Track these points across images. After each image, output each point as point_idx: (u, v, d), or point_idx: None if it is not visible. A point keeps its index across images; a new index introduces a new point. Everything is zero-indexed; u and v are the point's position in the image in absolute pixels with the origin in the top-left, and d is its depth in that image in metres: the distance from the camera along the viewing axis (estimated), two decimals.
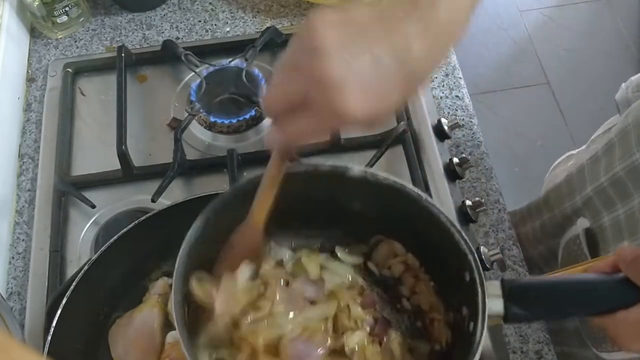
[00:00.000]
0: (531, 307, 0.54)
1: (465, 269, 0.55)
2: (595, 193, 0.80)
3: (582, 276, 0.57)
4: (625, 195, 0.75)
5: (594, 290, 0.54)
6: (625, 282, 0.52)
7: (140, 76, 1.00)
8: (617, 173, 0.75)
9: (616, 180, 0.76)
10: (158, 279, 0.76)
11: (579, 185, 0.84)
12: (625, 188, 0.74)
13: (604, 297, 0.54)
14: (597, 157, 0.81)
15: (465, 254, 0.55)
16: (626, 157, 0.74)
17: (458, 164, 0.87)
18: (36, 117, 0.96)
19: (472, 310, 0.54)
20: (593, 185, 0.80)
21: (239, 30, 1.05)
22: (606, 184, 0.77)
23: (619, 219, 0.75)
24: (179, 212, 0.72)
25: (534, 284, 0.57)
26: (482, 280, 0.54)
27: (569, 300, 0.55)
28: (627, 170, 0.74)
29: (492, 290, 0.54)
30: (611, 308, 0.52)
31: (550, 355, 0.77)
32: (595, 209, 0.80)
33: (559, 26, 2.49)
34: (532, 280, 0.58)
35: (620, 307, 0.52)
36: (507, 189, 0.94)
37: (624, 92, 0.85)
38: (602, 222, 0.79)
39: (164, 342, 0.72)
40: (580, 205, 0.83)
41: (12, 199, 0.89)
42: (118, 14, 1.07)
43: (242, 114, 0.92)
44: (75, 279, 0.68)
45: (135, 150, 0.89)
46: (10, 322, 0.70)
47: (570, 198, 0.86)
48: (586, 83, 2.30)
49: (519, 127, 2.21)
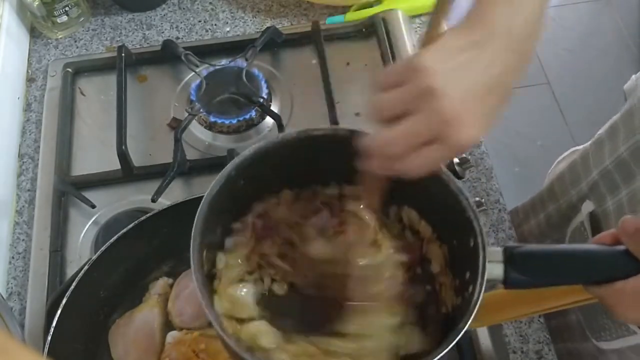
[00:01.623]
0: (531, 272, 0.56)
1: (471, 234, 0.57)
2: (600, 177, 0.80)
3: (583, 246, 0.58)
4: (629, 176, 0.74)
5: (594, 259, 0.55)
6: (626, 254, 0.53)
7: (140, 76, 1.00)
8: (621, 155, 0.75)
9: (620, 162, 0.76)
10: (158, 279, 0.76)
11: (584, 171, 0.84)
12: (629, 169, 0.74)
13: (604, 267, 0.54)
14: (601, 141, 0.81)
15: (471, 220, 0.57)
16: (629, 138, 0.74)
17: (458, 164, 0.87)
18: (36, 117, 0.96)
19: (473, 274, 0.55)
20: (598, 169, 0.80)
21: (239, 30, 1.05)
22: (611, 166, 0.77)
23: (622, 202, 0.75)
24: (179, 212, 0.72)
25: (535, 251, 0.58)
26: (484, 245, 0.55)
27: (568, 268, 0.56)
28: (630, 151, 0.74)
29: (494, 256, 0.55)
30: (610, 278, 0.53)
31: (550, 355, 0.77)
32: (600, 193, 0.80)
33: (559, 26, 2.49)
34: (534, 247, 0.59)
35: (618, 278, 0.53)
36: (507, 189, 0.94)
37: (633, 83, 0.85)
38: (606, 207, 0.79)
39: (164, 342, 0.72)
40: (587, 190, 0.83)
41: (12, 199, 0.89)
42: (118, 14, 1.07)
43: (242, 114, 0.92)
44: (75, 279, 0.68)
45: (135, 150, 0.89)
46: (10, 322, 0.70)
47: (576, 185, 0.86)
48: (586, 83, 2.30)
49: (519, 127, 2.21)
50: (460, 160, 0.87)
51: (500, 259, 0.55)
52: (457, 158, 0.87)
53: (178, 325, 0.73)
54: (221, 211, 0.60)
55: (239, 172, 0.60)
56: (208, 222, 0.58)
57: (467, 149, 0.50)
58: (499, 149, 2.12)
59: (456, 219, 0.59)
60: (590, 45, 2.42)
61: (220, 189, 0.59)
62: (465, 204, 0.58)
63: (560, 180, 0.91)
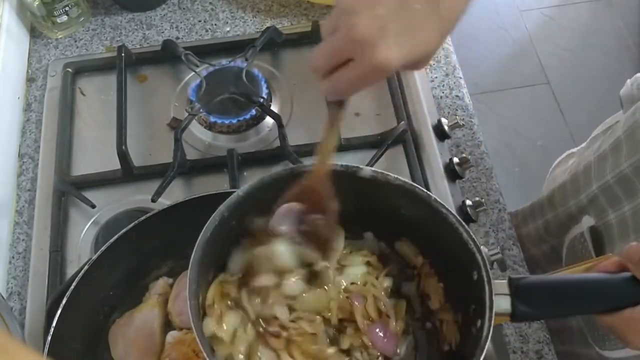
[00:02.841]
0: (538, 305, 0.55)
1: (474, 267, 0.56)
2: (600, 191, 0.80)
3: (589, 275, 0.57)
4: (632, 192, 0.74)
5: (600, 289, 0.55)
6: (632, 281, 0.53)
7: (140, 76, 0.99)
8: (623, 170, 0.75)
9: (622, 177, 0.76)
10: (158, 278, 0.76)
11: (585, 184, 0.84)
12: (632, 185, 0.74)
13: (611, 296, 0.54)
14: (605, 155, 0.81)
15: (473, 253, 0.56)
16: (632, 155, 0.74)
17: (458, 164, 0.87)
18: (36, 117, 0.96)
19: (479, 308, 0.54)
20: (599, 183, 0.80)
21: (239, 30, 1.05)
22: (612, 181, 0.77)
23: (625, 216, 0.75)
24: (179, 212, 0.72)
25: (540, 282, 0.58)
26: (489, 278, 0.55)
27: (576, 299, 0.55)
28: (633, 167, 0.74)
29: (500, 289, 0.55)
30: (618, 306, 0.53)
31: (550, 355, 0.77)
32: (600, 206, 0.80)
33: (559, 26, 2.49)
34: (539, 278, 0.58)
35: (626, 306, 0.52)
36: (507, 189, 0.94)
37: (628, 88, 0.85)
38: (608, 220, 0.78)
39: (164, 342, 0.72)
40: (586, 203, 0.83)
41: (12, 199, 0.89)
42: (118, 14, 1.07)
43: (242, 114, 0.91)
44: (75, 279, 0.68)
45: (135, 150, 0.89)
46: (10, 322, 0.70)
47: (576, 196, 0.86)
48: (586, 83, 2.30)
49: (519, 127, 2.21)
50: (460, 160, 0.88)
51: (506, 291, 0.54)
52: (457, 158, 0.88)
53: (178, 325, 0.73)
54: (215, 251, 0.60)
55: (231, 212, 0.60)
56: (203, 265, 0.58)
57: (384, 69, 0.49)
58: (499, 149, 2.12)
59: (457, 252, 0.58)
60: (590, 45, 2.42)
61: (214, 231, 0.58)
62: (466, 237, 0.57)
63: (561, 189, 0.91)
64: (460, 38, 2.30)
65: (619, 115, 0.85)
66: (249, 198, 0.60)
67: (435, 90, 0.98)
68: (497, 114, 2.24)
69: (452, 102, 0.97)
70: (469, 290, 0.56)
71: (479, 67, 2.35)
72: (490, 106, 2.25)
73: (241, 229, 0.62)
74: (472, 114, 0.96)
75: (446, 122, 0.91)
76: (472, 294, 0.56)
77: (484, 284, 0.54)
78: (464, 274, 0.57)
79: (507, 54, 2.42)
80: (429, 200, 0.60)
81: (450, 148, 0.92)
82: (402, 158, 0.89)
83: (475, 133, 0.94)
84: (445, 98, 0.97)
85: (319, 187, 0.59)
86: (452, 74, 1.00)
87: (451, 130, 0.91)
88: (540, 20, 2.50)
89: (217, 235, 0.58)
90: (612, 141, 0.79)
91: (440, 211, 0.59)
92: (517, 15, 2.51)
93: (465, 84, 0.99)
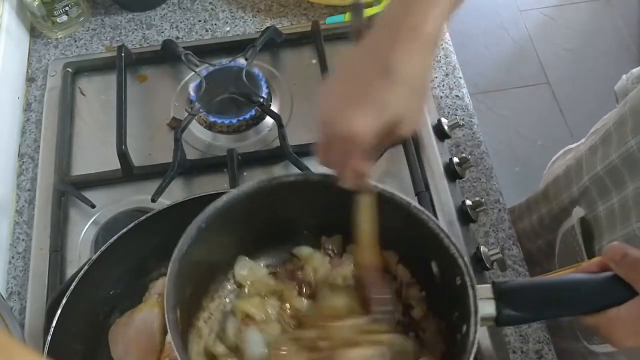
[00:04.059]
0: (523, 308, 0.55)
1: (456, 273, 0.55)
2: (591, 182, 0.80)
3: (572, 276, 0.57)
4: (620, 182, 0.75)
5: (584, 289, 0.55)
6: (614, 280, 0.53)
7: (140, 76, 0.99)
8: (612, 161, 0.75)
9: (612, 168, 0.76)
10: (158, 278, 0.76)
11: (576, 176, 0.84)
12: (621, 176, 0.74)
13: (595, 296, 0.54)
14: (595, 147, 0.81)
15: (456, 258, 0.56)
16: (621, 145, 0.74)
17: (458, 164, 0.87)
18: (36, 116, 0.96)
19: (463, 314, 0.54)
20: (589, 174, 0.80)
21: (239, 30, 1.05)
22: (602, 172, 0.77)
23: (613, 208, 0.75)
24: (179, 212, 0.71)
25: (524, 285, 0.57)
26: (473, 283, 0.54)
27: (559, 301, 0.55)
28: (622, 158, 0.74)
29: (484, 293, 0.54)
30: (602, 306, 0.53)
31: (550, 355, 0.77)
32: (591, 198, 0.80)
33: (559, 26, 2.49)
34: (523, 282, 0.58)
35: (610, 305, 0.52)
36: (507, 189, 0.94)
37: (624, 82, 0.85)
38: (597, 212, 0.79)
39: (164, 342, 0.72)
40: (577, 195, 0.83)
41: (12, 199, 0.89)
42: (118, 14, 1.07)
43: (242, 114, 0.91)
44: (75, 279, 0.68)
45: (135, 150, 0.89)
46: (10, 322, 0.70)
47: (568, 189, 0.86)
48: (586, 83, 2.30)
49: (519, 127, 2.21)
50: (460, 160, 0.87)
51: (490, 295, 0.54)
52: (457, 158, 0.88)
53: None
54: (193, 264, 0.60)
55: (209, 225, 0.60)
56: (182, 276, 0.58)
57: (354, 136, 0.54)
58: (499, 149, 2.12)
59: (438, 258, 0.58)
60: (590, 45, 2.42)
61: (191, 243, 0.59)
62: (448, 242, 0.57)
63: (555, 183, 0.91)
64: (460, 38, 2.31)
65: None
66: (225, 211, 0.61)
67: (435, 90, 0.98)
68: (497, 114, 2.24)
69: (452, 102, 0.97)
70: (453, 296, 0.56)
71: (479, 67, 2.35)
72: (490, 106, 2.25)
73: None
74: (472, 113, 0.96)
75: (446, 122, 0.91)
76: (456, 300, 0.55)
77: (468, 288, 0.54)
78: (447, 280, 0.57)
79: (507, 53, 2.42)
80: (409, 207, 0.60)
81: (450, 148, 0.92)
82: (402, 158, 0.89)
83: (475, 133, 0.94)
84: (445, 98, 0.97)
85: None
86: (452, 73, 1.00)
87: (451, 130, 0.91)
88: (540, 20, 2.50)
89: (193, 248, 0.58)
90: (602, 133, 0.80)
91: (420, 218, 0.58)
92: (517, 15, 2.51)
93: (465, 83, 0.99)
